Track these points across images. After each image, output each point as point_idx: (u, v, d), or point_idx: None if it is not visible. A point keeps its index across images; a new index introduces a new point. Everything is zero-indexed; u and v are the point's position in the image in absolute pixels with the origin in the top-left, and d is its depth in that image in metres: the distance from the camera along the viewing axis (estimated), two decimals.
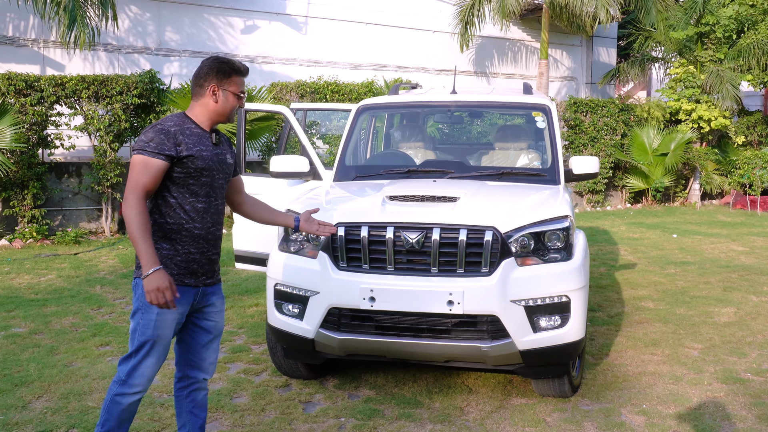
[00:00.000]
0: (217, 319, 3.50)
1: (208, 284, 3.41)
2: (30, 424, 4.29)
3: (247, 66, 3.48)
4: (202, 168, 3.27)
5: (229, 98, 3.36)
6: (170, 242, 3.26)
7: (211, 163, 3.31)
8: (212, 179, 3.34)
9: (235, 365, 5.43)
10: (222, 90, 3.34)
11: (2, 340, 5.97)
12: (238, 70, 3.37)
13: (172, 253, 3.26)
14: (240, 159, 6.53)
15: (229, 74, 3.34)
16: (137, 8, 14.14)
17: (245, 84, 3.49)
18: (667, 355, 5.69)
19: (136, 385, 3.27)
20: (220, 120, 3.40)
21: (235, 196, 3.70)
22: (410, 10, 17.44)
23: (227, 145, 3.55)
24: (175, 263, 3.26)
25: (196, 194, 3.29)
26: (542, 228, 4.40)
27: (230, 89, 3.35)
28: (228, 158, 3.49)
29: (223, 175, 3.43)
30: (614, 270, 9.30)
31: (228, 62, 3.37)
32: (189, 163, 3.23)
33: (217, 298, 3.50)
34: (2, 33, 12.87)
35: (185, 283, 3.29)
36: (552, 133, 5.69)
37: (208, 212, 3.34)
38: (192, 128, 3.30)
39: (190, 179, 3.26)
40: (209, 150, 3.32)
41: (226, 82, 3.34)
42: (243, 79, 3.42)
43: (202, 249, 3.34)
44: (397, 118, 7.22)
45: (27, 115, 10.88)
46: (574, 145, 17.23)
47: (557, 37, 19.63)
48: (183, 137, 3.23)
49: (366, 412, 4.50)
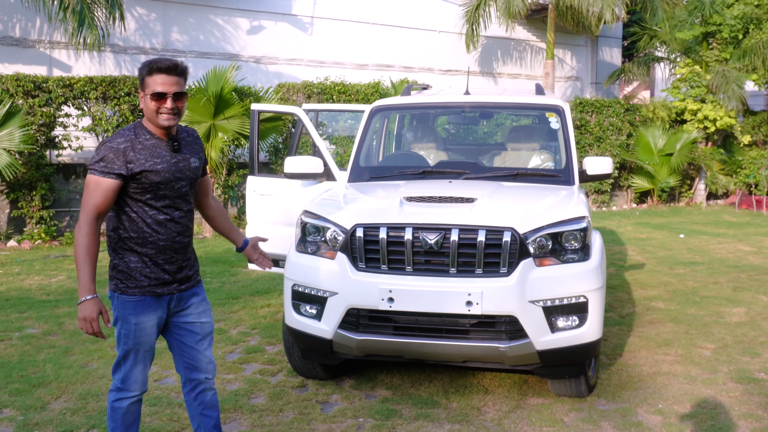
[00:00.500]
0: (202, 320, 3.47)
1: (182, 290, 3.38)
2: (50, 424, 4.31)
3: (171, 62, 3.16)
4: (158, 182, 3.19)
5: (148, 102, 3.17)
6: (137, 255, 3.23)
7: (167, 175, 3.21)
8: (171, 190, 3.24)
9: (251, 366, 5.45)
10: (144, 95, 3.19)
11: (17, 341, 5.99)
12: (149, 71, 3.15)
13: (141, 266, 3.23)
14: (253, 160, 6.55)
15: (143, 78, 3.18)
16: (143, 9, 14.17)
17: (175, 82, 3.15)
18: (681, 355, 5.70)
19: (132, 390, 3.34)
20: (156, 125, 3.21)
21: (201, 198, 3.63)
22: (416, 11, 17.46)
23: (194, 146, 3.41)
24: (144, 275, 3.24)
25: (155, 207, 3.22)
26: (560, 229, 4.42)
27: (147, 92, 3.16)
28: (192, 162, 3.34)
29: (186, 182, 3.31)
30: (623, 270, 9.31)
31: (142, 65, 3.20)
32: (142, 178, 3.15)
33: (198, 300, 3.46)
34: (10, 34, 12.90)
35: (157, 293, 3.28)
36: (566, 133, 5.70)
37: (172, 222, 3.27)
38: (145, 140, 3.20)
39: (147, 194, 3.19)
40: (165, 161, 3.21)
41: (144, 86, 3.18)
42: (162, 77, 3.13)
43: (170, 258, 3.29)
44: (411, 118, 7.24)
45: (35, 117, 10.91)
46: (580, 146, 17.23)
47: (562, 37, 19.64)
48: (134, 153, 3.14)
49: (384, 412, 4.52)
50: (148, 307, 3.26)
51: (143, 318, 3.26)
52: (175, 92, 3.15)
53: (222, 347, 5.89)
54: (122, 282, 3.24)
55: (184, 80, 3.22)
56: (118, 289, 3.26)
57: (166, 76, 3.13)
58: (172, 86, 3.14)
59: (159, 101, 3.15)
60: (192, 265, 3.44)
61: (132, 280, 3.23)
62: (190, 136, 3.42)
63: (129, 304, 3.23)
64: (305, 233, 4.77)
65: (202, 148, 3.49)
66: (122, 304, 3.25)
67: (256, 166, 6.55)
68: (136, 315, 3.24)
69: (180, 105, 3.20)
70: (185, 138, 3.38)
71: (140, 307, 3.24)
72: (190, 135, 3.44)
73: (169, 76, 3.14)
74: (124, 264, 3.23)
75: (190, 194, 3.38)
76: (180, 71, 3.19)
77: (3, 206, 11.29)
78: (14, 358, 5.56)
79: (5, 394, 4.81)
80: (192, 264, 3.45)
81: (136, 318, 3.24)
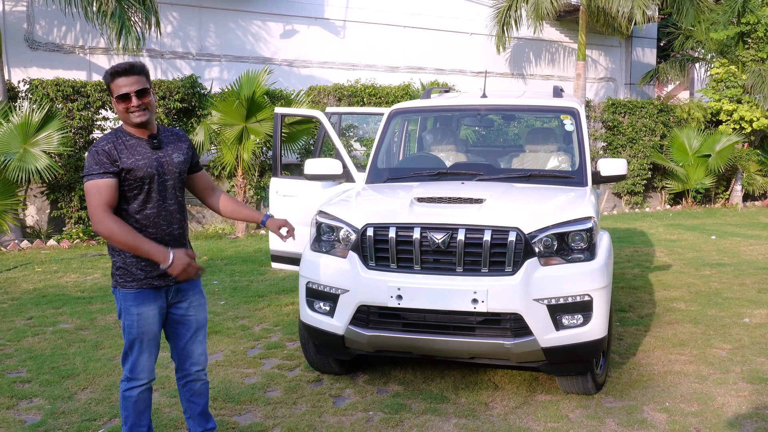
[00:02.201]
0: (196, 313, 3.68)
1: (179, 282, 3.57)
2: (75, 413, 4.55)
3: (125, 65, 3.38)
4: (142, 177, 3.41)
5: (117, 106, 3.41)
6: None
7: (150, 170, 3.43)
8: (155, 184, 3.46)
9: (270, 361, 5.64)
10: (113, 100, 3.42)
11: (50, 335, 6.28)
12: (111, 77, 3.37)
13: (136, 259, 3.44)
14: (276, 162, 6.75)
15: (108, 86, 3.41)
16: (179, 14, 14.53)
17: (135, 81, 3.36)
18: (695, 355, 5.73)
19: (140, 379, 3.55)
20: (131, 125, 3.43)
21: (201, 192, 3.84)
22: (447, 13, 17.55)
23: (179, 142, 3.62)
24: (140, 268, 3.45)
25: (142, 201, 3.44)
26: (566, 229, 4.51)
27: (114, 96, 3.39)
28: (175, 157, 3.56)
29: (170, 176, 3.52)
30: (648, 271, 9.30)
31: (105, 74, 3.42)
32: (127, 175, 3.38)
33: (193, 293, 3.67)
34: (51, 41, 13.35)
35: (153, 285, 3.49)
36: (580, 135, 5.78)
37: (160, 215, 3.49)
38: (127, 140, 3.44)
39: (134, 190, 3.42)
40: (146, 157, 3.43)
41: (111, 93, 3.41)
42: (122, 79, 3.35)
43: None
44: (430, 121, 7.37)
45: (74, 120, 11.30)
46: (612, 147, 17.17)
47: (596, 38, 19.55)
48: (117, 153, 3.36)
49: (393, 406, 4.66)
50: (147, 298, 3.47)
51: (144, 308, 3.47)
52: (137, 90, 3.37)
53: (244, 343, 6.09)
54: (121, 277, 3.48)
55: (144, 77, 3.42)
56: (118, 284, 3.49)
57: (126, 77, 3.36)
58: (133, 85, 3.37)
59: (125, 102, 3.38)
60: None
61: (129, 275, 3.46)
62: (173, 135, 3.65)
63: (129, 296, 3.45)
64: (319, 233, 4.94)
65: (190, 145, 3.70)
66: (123, 297, 3.47)
67: (279, 168, 6.75)
68: (137, 306, 3.45)
69: (145, 101, 3.41)
70: (168, 137, 3.61)
71: (140, 299, 3.46)
72: (174, 134, 3.66)
73: (128, 77, 3.37)
74: (122, 260, 3.46)
75: (178, 188, 3.59)
76: (138, 70, 3.40)
77: (44, 207, 11.72)
78: (47, 351, 5.83)
79: (36, 384, 5.07)
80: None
81: (137, 309, 3.45)
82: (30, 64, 13.08)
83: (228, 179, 13.16)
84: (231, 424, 4.41)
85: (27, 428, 4.33)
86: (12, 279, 8.66)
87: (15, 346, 5.99)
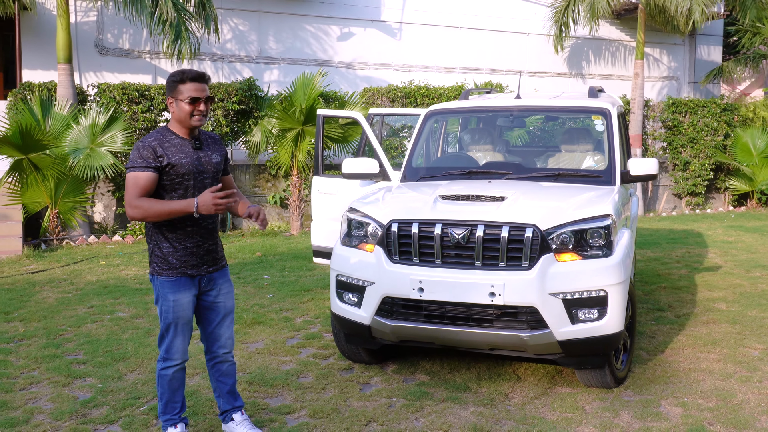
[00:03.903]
0: (225, 300, 4.01)
1: (210, 271, 3.92)
2: (123, 392, 4.94)
3: (198, 72, 3.73)
4: (183, 173, 3.74)
5: (181, 106, 3.70)
6: (168, 241, 3.78)
7: (191, 168, 3.76)
8: (195, 180, 3.79)
9: (307, 350, 5.94)
10: (174, 101, 3.73)
11: (108, 323, 6.74)
12: (182, 80, 3.69)
13: (172, 250, 3.79)
14: (318, 162, 7.06)
15: (174, 86, 3.71)
16: (239, 19, 15.07)
17: (203, 88, 3.72)
18: (725, 354, 5.76)
19: (175, 359, 3.90)
20: (185, 126, 3.75)
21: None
22: (504, 13, 17.62)
23: (215, 146, 3.96)
24: (176, 258, 3.79)
25: (182, 196, 3.76)
26: (583, 226, 4.66)
27: (179, 98, 3.69)
28: (214, 158, 3.89)
29: (208, 175, 3.85)
30: (695, 272, 9.24)
31: (173, 75, 3.75)
32: (171, 170, 3.71)
33: (223, 282, 4.01)
34: (120, 46, 14.06)
35: (188, 274, 3.82)
36: (610, 135, 5.88)
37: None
38: (172, 139, 3.76)
39: (176, 184, 3.75)
40: (189, 156, 3.76)
41: (175, 92, 3.72)
42: (193, 84, 3.67)
43: (198, 242, 3.84)
44: (472, 121, 7.55)
45: (138, 122, 11.91)
46: (672, 147, 16.92)
47: (658, 36, 19.27)
48: (162, 149, 3.70)
49: (416, 394, 4.89)
50: (183, 286, 3.80)
51: (180, 295, 3.79)
52: (207, 97, 3.74)
53: (285, 333, 6.42)
54: (158, 266, 3.82)
55: (208, 87, 3.79)
56: (156, 272, 3.83)
57: (198, 84, 3.72)
58: (204, 92, 3.73)
59: (193, 105, 3.71)
60: (218, 250, 3.96)
61: (166, 264, 3.79)
62: (211, 138, 3.99)
63: (167, 284, 3.78)
64: (349, 228, 5.21)
65: (224, 148, 4.05)
66: (161, 284, 3.80)
67: (320, 167, 7.06)
68: (173, 293, 3.78)
69: (208, 108, 3.78)
70: (206, 140, 3.95)
71: (176, 286, 3.78)
72: (212, 137, 4.01)
73: (200, 83, 3.73)
74: (159, 250, 3.80)
75: (213, 185, 3.88)
76: (206, 79, 3.79)
77: (111, 204, 12.38)
78: (103, 336, 6.28)
79: (90, 365, 5.51)
80: (218, 249, 3.96)
81: (174, 296, 3.79)
82: (100, 69, 13.83)
83: (284, 178, 13.59)
84: (262, 405, 4.72)
85: (78, 403, 4.73)
86: (78, 271, 9.24)
87: (75, 331, 6.46)
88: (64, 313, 7.08)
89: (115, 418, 4.51)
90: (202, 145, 3.87)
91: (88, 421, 4.46)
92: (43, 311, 7.14)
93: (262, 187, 13.66)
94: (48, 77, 12.72)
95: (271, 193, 13.67)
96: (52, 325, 6.65)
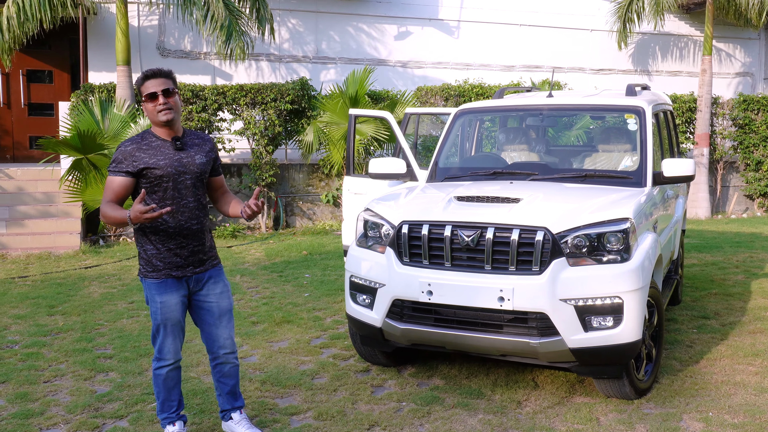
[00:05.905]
0: (217, 301, 3.99)
1: (197, 272, 3.91)
2: (139, 387, 5.04)
3: (155, 69, 3.76)
4: (161, 175, 3.75)
5: (145, 106, 3.76)
6: (152, 243, 3.81)
7: (170, 169, 3.76)
8: (175, 182, 3.79)
9: (329, 350, 5.92)
10: (142, 101, 3.76)
11: (143, 319, 6.89)
12: (141, 82, 3.74)
13: (155, 252, 3.81)
14: (349, 161, 7.03)
15: (139, 89, 3.76)
16: (296, 20, 15.20)
17: (160, 83, 3.71)
18: (765, 367, 5.44)
19: (167, 359, 3.92)
20: (157, 124, 3.78)
21: (212, 194, 4.13)
22: (565, 10, 17.21)
23: (203, 146, 3.93)
24: (160, 260, 3.81)
25: (162, 198, 3.78)
26: (598, 230, 4.46)
27: (143, 100, 3.75)
28: (198, 159, 3.87)
29: (190, 176, 3.83)
30: (753, 278, 8.79)
31: (137, 80, 3.80)
32: (148, 173, 3.74)
33: (214, 282, 3.99)
34: (181, 48, 14.40)
35: (173, 276, 3.83)
36: (643, 135, 5.64)
37: (179, 211, 3.81)
38: (152, 141, 3.79)
39: (155, 186, 3.78)
40: (168, 157, 3.77)
41: (141, 93, 3.76)
42: (150, 81, 3.70)
43: (181, 243, 3.84)
44: (511, 120, 7.38)
45: (193, 122, 12.16)
46: (743, 146, 16.17)
47: (730, 31, 18.46)
48: (140, 153, 3.73)
49: (427, 399, 4.80)
50: (170, 287, 3.82)
51: (167, 297, 3.82)
52: (163, 89, 3.72)
53: (312, 332, 6.41)
54: (144, 267, 3.86)
55: (171, 81, 3.78)
56: (142, 273, 3.88)
57: (153, 80, 3.74)
58: (160, 86, 3.73)
59: (153, 101, 3.73)
60: (206, 251, 3.95)
61: (150, 266, 3.83)
62: (198, 139, 3.98)
63: (153, 286, 3.83)
64: (365, 229, 5.15)
65: (212, 148, 4.01)
66: (148, 286, 3.85)
67: (351, 167, 7.03)
68: (160, 295, 3.81)
69: (171, 100, 3.74)
70: (193, 140, 3.94)
71: (163, 288, 3.81)
72: (200, 138, 4.00)
73: (155, 79, 3.74)
74: (144, 251, 3.85)
75: (198, 187, 3.91)
76: (164, 74, 3.78)
77: None
78: (135, 332, 6.43)
79: (116, 360, 5.64)
80: (206, 249, 3.95)
81: (160, 297, 3.82)
82: None
83: (337, 177, 13.64)
84: (270, 405, 4.72)
85: (95, 397, 4.85)
86: (127, 267, 9.50)
87: (110, 326, 6.64)
88: (105, 308, 7.29)
89: (125, 413, 4.59)
90: (184, 146, 3.87)
91: (99, 416, 4.55)
92: (85, 306, 7.37)
93: (315, 186, 13.75)
94: (111, 79, 13.14)
95: (324, 192, 13.74)
96: (90, 319, 6.85)
